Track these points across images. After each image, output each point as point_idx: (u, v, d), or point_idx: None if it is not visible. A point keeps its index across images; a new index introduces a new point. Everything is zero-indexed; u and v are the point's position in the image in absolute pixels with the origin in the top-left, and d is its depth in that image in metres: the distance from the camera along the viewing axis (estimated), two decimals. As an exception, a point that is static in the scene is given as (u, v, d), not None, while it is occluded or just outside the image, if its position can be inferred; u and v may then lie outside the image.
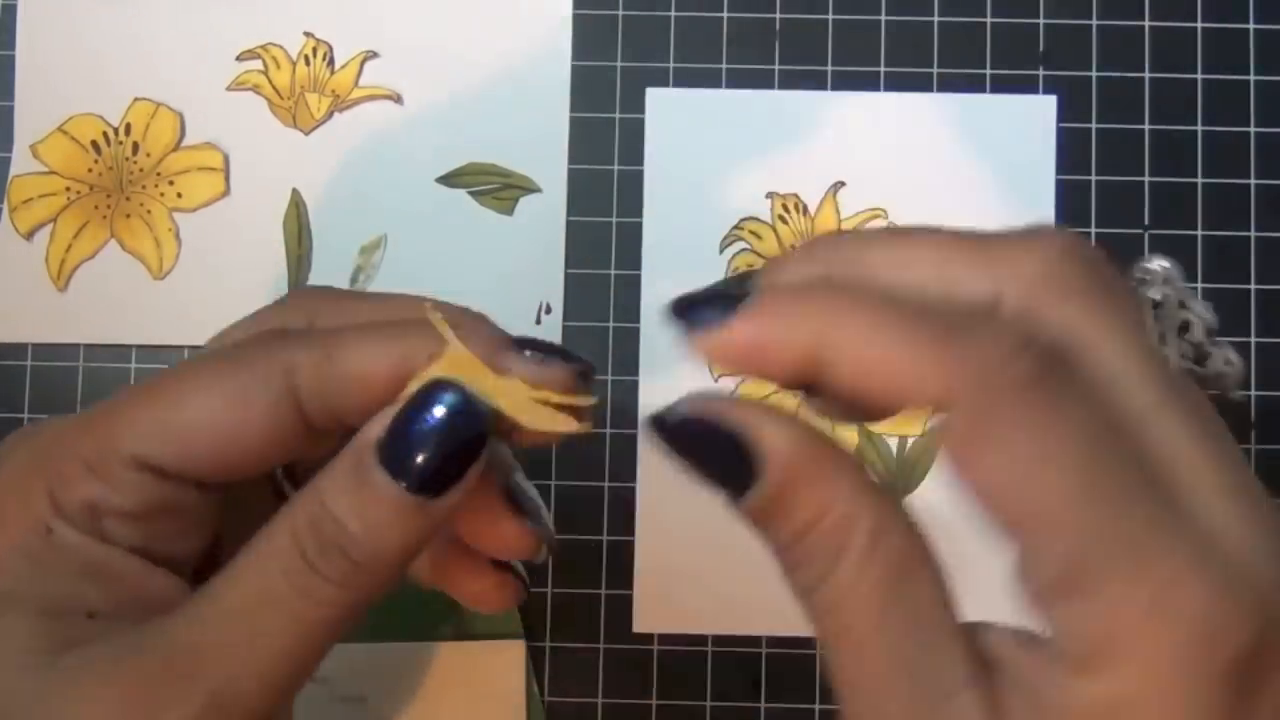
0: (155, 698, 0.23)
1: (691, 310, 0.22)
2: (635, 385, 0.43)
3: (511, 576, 0.29)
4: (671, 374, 0.43)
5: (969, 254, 0.21)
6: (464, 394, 0.23)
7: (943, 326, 0.20)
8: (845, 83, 0.44)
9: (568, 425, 0.24)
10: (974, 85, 0.44)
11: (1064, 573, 0.19)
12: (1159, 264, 0.21)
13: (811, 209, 0.43)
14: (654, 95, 0.44)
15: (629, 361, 0.44)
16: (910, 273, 0.21)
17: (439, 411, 0.23)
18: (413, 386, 0.24)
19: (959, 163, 0.44)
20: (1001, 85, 0.44)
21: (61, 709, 0.22)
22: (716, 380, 0.43)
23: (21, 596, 0.23)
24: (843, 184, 0.44)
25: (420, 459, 0.23)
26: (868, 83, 0.44)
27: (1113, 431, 0.19)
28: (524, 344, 0.25)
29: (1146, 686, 0.18)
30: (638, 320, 0.44)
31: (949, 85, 0.44)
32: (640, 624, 0.43)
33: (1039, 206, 0.44)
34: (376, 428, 0.23)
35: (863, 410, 0.21)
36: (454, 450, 0.23)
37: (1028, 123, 0.44)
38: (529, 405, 0.24)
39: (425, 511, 0.23)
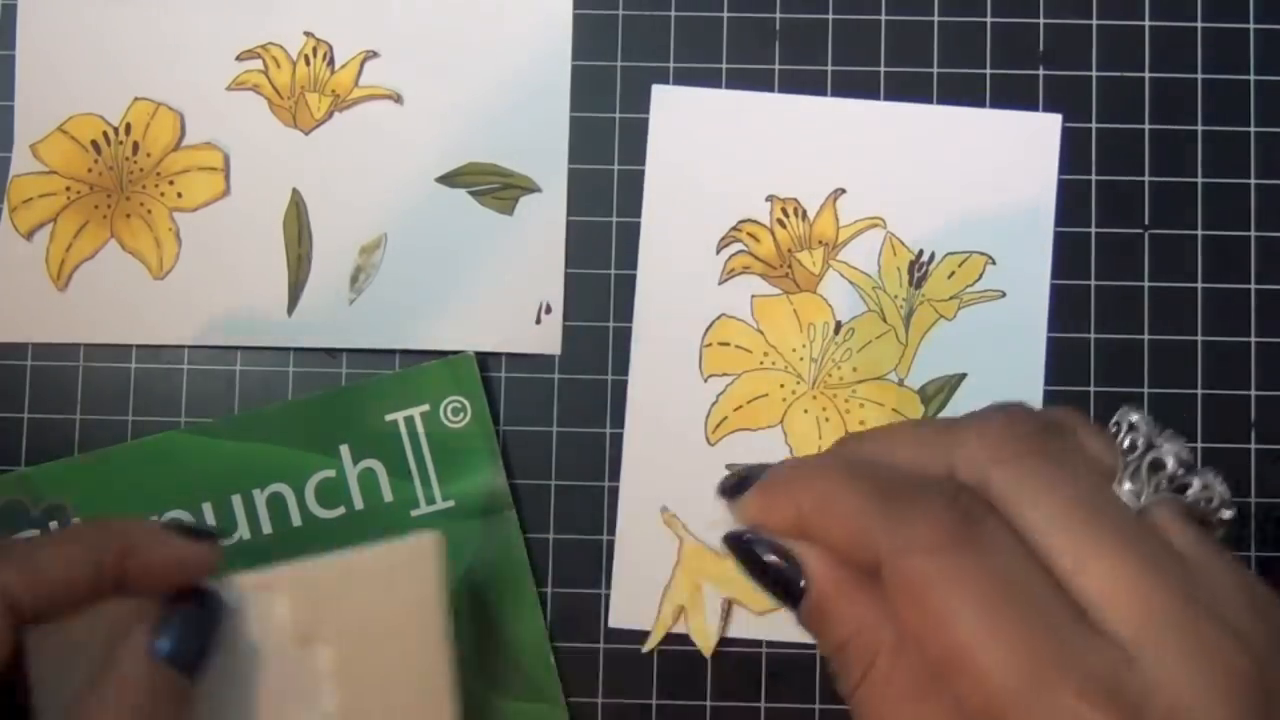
0: None
1: (733, 488, 0.26)
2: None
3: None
4: (665, 373, 0.43)
5: (934, 438, 0.25)
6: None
7: (882, 502, 0.23)
8: (845, 82, 0.44)
9: None
10: (974, 86, 0.44)
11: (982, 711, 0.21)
12: (1128, 418, 0.24)
13: (811, 214, 0.43)
14: (659, 92, 0.44)
15: (629, 361, 0.44)
16: (894, 458, 0.25)
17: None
18: None
19: (960, 177, 0.43)
20: (1001, 86, 0.44)
21: None
22: (706, 380, 0.43)
23: None
24: (843, 191, 0.44)
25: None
26: (868, 82, 0.44)
27: (1020, 575, 0.22)
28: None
29: None
30: (638, 320, 0.44)
31: (949, 85, 0.44)
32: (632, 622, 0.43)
33: (1039, 212, 0.44)
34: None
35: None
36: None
37: (1032, 140, 0.44)
38: None
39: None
